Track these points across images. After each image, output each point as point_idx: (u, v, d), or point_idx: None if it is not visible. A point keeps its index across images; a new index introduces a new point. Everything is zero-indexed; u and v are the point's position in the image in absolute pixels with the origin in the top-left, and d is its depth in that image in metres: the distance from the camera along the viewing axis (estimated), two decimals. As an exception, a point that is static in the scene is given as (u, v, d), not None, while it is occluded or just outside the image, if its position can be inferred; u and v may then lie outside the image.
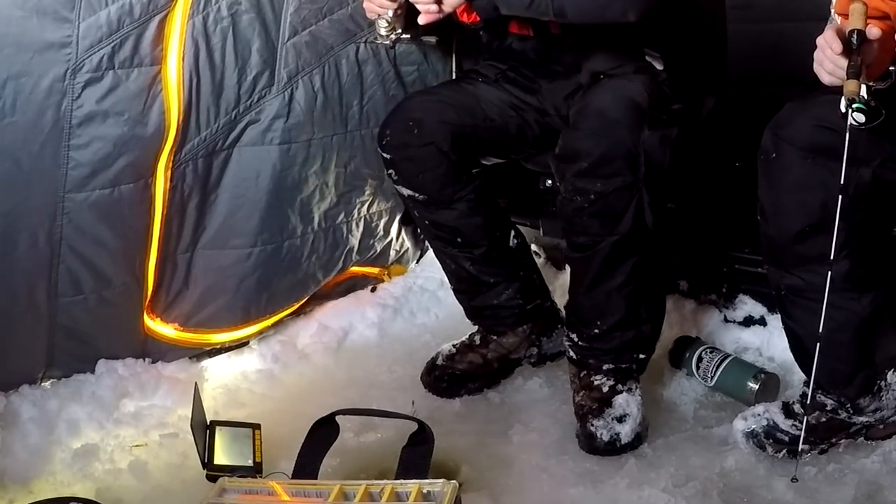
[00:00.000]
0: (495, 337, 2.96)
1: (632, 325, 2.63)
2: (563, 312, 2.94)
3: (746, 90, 3.32)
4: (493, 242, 2.79)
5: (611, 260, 2.57)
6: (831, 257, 2.09)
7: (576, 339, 2.67)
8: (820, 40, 2.05)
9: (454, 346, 3.02)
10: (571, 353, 2.70)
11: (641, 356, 2.67)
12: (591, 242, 2.57)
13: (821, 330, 2.12)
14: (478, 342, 2.99)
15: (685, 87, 2.70)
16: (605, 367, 2.64)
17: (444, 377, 2.94)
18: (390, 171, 2.84)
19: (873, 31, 1.96)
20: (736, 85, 3.29)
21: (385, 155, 2.82)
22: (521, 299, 2.87)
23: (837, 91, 1.98)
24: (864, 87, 1.92)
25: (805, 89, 2.50)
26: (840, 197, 2.05)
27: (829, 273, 2.09)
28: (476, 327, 3.02)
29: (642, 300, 2.63)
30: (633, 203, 2.50)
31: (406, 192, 2.80)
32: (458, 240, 2.86)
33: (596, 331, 2.63)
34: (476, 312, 3.01)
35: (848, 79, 1.92)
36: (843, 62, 1.98)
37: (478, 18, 2.65)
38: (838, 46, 1.99)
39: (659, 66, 2.67)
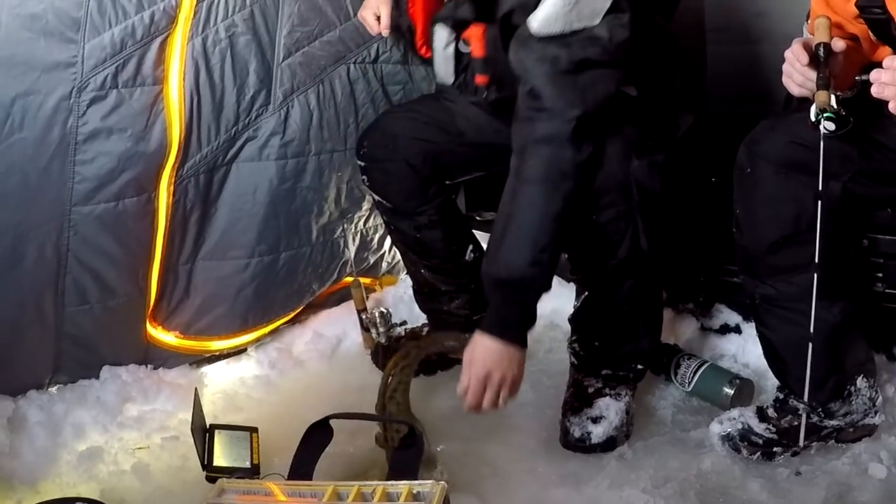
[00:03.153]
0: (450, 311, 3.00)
1: (630, 340, 2.65)
2: None
3: (723, 109, 3.41)
4: (449, 255, 2.82)
5: (609, 282, 2.59)
6: (816, 261, 2.10)
7: (577, 349, 2.70)
8: (788, 54, 2.09)
9: (405, 330, 3.11)
10: (573, 359, 2.72)
11: (639, 367, 2.69)
12: (591, 267, 2.61)
13: (811, 331, 2.12)
14: (422, 334, 3.06)
15: (663, 107, 2.69)
16: (603, 372, 2.66)
17: (388, 356, 2.95)
18: (363, 177, 2.88)
19: (838, 44, 2.01)
20: (713, 104, 3.40)
21: (360, 163, 2.87)
22: (469, 310, 2.90)
23: (808, 106, 1.99)
24: (832, 97, 1.95)
25: (778, 108, 2.61)
26: (818, 202, 2.07)
27: (815, 279, 2.11)
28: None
29: (640, 317, 2.65)
30: (629, 231, 2.51)
31: (375, 197, 2.85)
32: (417, 248, 2.90)
33: (596, 343, 2.66)
34: (427, 311, 3.08)
35: (818, 90, 1.95)
36: (812, 74, 2.01)
37: (427, 54, 2.67)
38: (805, 59, 2.03)
39: (633, 93, 2.62)
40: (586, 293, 2.68)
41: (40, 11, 2.34)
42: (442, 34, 2.61)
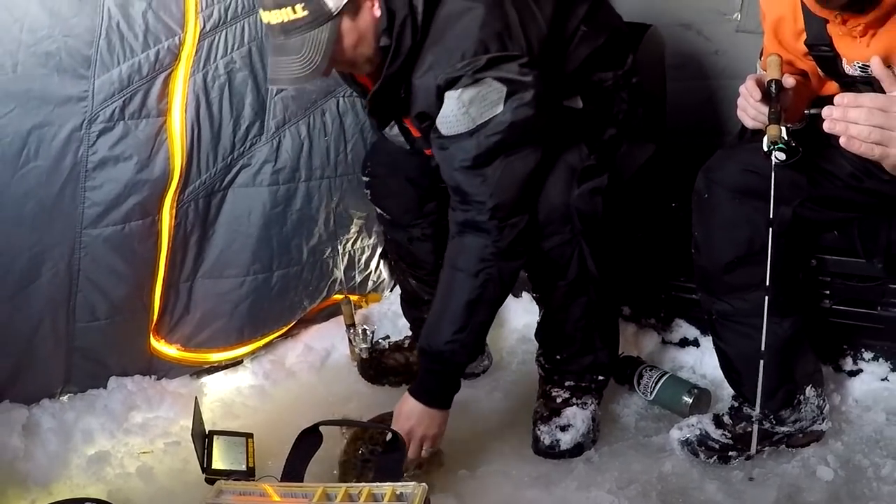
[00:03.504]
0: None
1: (589, 353, 2.68)
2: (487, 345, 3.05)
3: (682, 139, 3.41)
4: (436, 267, 2.74)
5: (564, 301, 2.63)
6: (768, 280, 2.17)
7: (543, 362, 2.74)
8: (742, 89, 2.15)
9: (390, 343, 3.14)
10: (540, 371, 2.76)
11: (600, 378, 2.72)
12: (546, 287, 2.66)
13: (763, 345, 2.19)
14: (406, 345, 3.10)
15: (605, 126, 2.66)
16: (567, 383, 2.69)
17: (372, 367, 3.05)
18: (367, 191, 2.93)
19: (789, 80, 2.09)
20: (673, 135, 3.41)
21: (365, 179, 2.90)
22: None
23: (760, 137, 2.07)
24: (783, 130, 2.02)
25: (733, 139, 2.63)
26: (770, 226, 2.15)
27: (767, 297, 2.17)
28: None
29: (596, 332, 2.68)
30: (575, 254, 2.55)
31: (377, 209, 2.92)
32: (408, 258, 2.96)
33: (558, 357, 2.70)
34: (411, 319, 3.10)
35: (769, 123, 2.03)
36: (765, 108, 2.08)
37: (370, 82, 2.52)
38: (758, 94, 2.10)
39: (578, 105, 2.62)
40: (543, 310, 2.74)
41: (54, 50, 2.41)
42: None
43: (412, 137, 2.55)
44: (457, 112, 2.30)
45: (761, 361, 2.21)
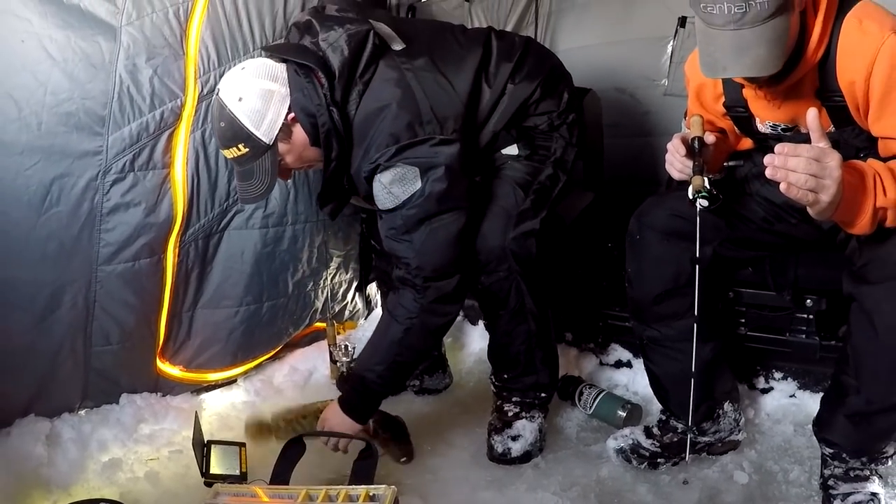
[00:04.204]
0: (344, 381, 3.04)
1: (531, 373, 2.77)
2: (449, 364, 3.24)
3: (617, 188, 3.48)
4: None
5: (507, 328, 2.73)
6: (695, 311, 2.27)
7: (494, 380, 2.85)
8: (669, 146, 2.23)
9: None
10: (493, 388, 2.86)
11: (542, 395, 2.80)
12: (491, 315, 2.77)
13: (693, 369, 2.30)
14: None
15: (539, 172, 2.72)
16: (514, 399, 2.79)
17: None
18: (363, 226, 3.15)
19: (710, 137, 2.19)
20: (609, 184, 3.53)
21: (362, 215, 3.11)
22: None
23: (686, 187, 2.15)
24: (706, 180, 2.10)
25: (662, 188, 2.65)
26: (694, 263, 2.24)
27: (695, 325, 2.27)
28: None
29: (536, 356, 2.76)
30: (513, 289, 2.65)
31: (372, 241, 3.04)
32: (389, 283, 2.87)
33: (506, 376, 2.80)
34: None
35: (693, 175, 2.11)
36: (689, 163, 2.16)
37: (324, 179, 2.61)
38: (683, 151, 2.18)
39: (514, 152, 2.73)
40: (491, 336, 2.84)
41: (73, 110, 2.52)
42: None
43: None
44: (382, 192, 2.46)
45: (692, 381, 2.30)
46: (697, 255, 2.21)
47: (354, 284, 3.61)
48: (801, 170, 1.82)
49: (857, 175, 1.92)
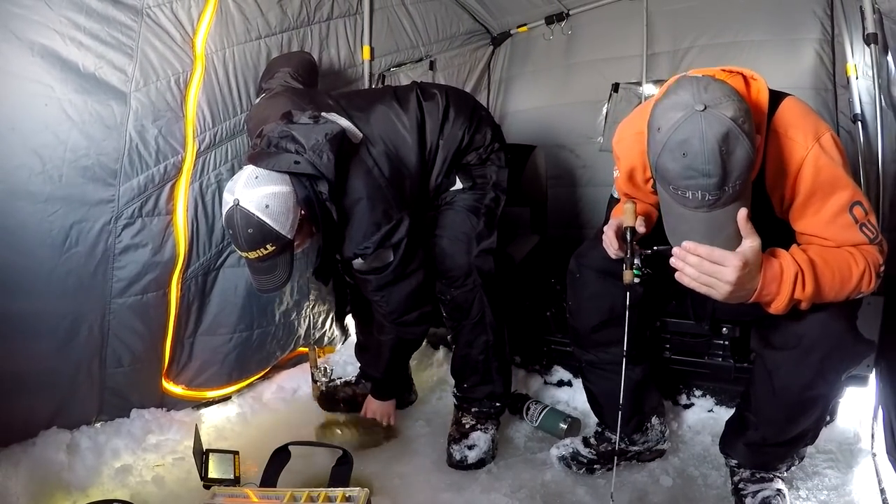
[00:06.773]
0: (364, 381, 3.25)
1: (488, 382, 2.90)
2: (415, 386, 3.38)
3: (559, 232, 3.64)
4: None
5: (469, 336, 2.87)
6: (625, 344, 2.27)
7: (455, 392, 2.98)
8: (604, 238, 2.24)
9: (343, 380, 3.32)
10: (454, 401, 2.97)
11: (497, 405, 2.92)
12: (455, 324, 2.89)
13: (622, 392, 2.31)
14: (354, 381, 3.31)
15: (504, 191, 2.87)
16: (473, 410, 2.91)
17: (327, 399, 3.28)
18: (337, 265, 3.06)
19: (640, 228, 2.18)
20: (552, 228, 3.65)
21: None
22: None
23: (621, 263, 2.15)
24: (635, 271, 2.09)
25: (598, 231, 2.50)
26: (626, 299, 2.23)
27: (624, 353, 2.28)
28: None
29: (493, 366, 2.89)
30: (476, 300, 2.80)
31: (346, 276, 3.07)
32: (364, 315, 3.20)
33: (465, 385, 2.93)
34: (361, 361, 3.31)
35: (625, 270, 2.11)
36: (621, 252, 2.19)
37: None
38: (616, 244, 2.22)
39: (459, 186, 2.84)
40: (455, 346, 2.95)
41: (90, 164, 2.58)
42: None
43: None
44: (363, 266, 2.64)
45: (620, 399, 2.33)
46: (627, 291, 2.20)
47: (332, 314, 3.68)
48: (693, 272, 1.91)
49: (776, 269, 1.97)
